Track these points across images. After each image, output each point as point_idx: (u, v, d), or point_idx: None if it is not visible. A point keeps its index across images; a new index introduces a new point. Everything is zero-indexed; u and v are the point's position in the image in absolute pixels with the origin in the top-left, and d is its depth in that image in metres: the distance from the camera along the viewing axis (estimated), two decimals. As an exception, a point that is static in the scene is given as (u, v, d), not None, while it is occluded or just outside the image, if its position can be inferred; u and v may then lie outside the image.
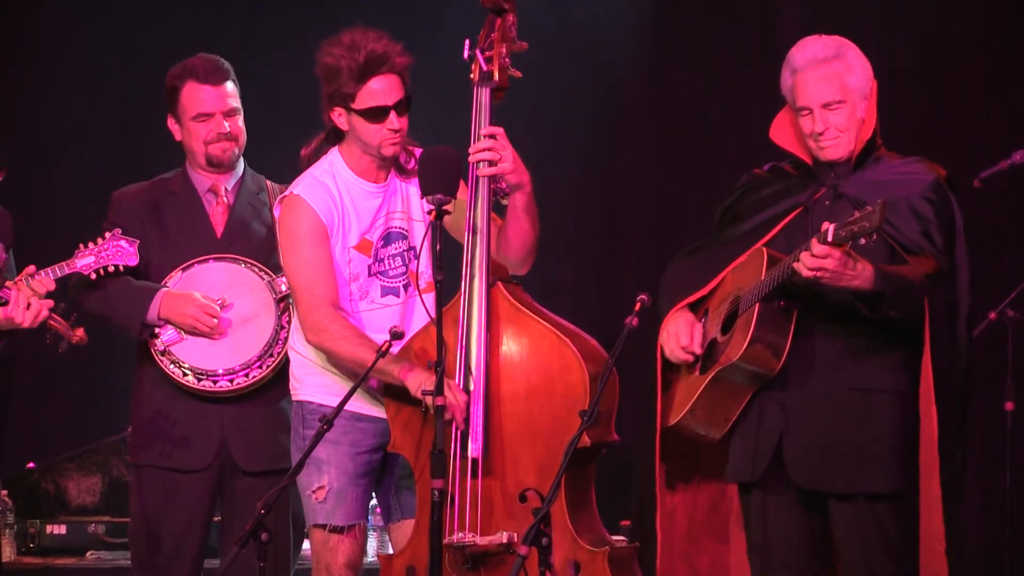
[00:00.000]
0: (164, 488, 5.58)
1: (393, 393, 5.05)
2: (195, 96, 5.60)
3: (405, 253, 5.21)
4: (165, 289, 5.54)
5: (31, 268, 5.37)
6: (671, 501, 5.10)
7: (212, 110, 5.59)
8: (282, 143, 7.78)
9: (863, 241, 4.52)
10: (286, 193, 5.19)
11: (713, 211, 5.23)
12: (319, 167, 5.20)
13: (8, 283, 5.37)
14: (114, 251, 5.44)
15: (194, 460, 5.56)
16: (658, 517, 5.05)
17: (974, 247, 4.90)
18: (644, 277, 7.71)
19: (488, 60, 5.03)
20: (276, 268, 5.52)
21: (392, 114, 5.08)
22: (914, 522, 4.77)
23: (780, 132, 5.04)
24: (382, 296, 5.20)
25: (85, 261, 5.43)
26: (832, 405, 4.83)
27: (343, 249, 5.15)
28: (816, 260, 4.60)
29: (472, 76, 5.05)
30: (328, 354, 5.10)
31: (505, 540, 4.92)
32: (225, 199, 5.67)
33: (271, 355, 5.52)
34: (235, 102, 5.64)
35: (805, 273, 4.62)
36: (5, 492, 7.14)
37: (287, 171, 5.65)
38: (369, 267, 5.18)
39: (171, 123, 5.68)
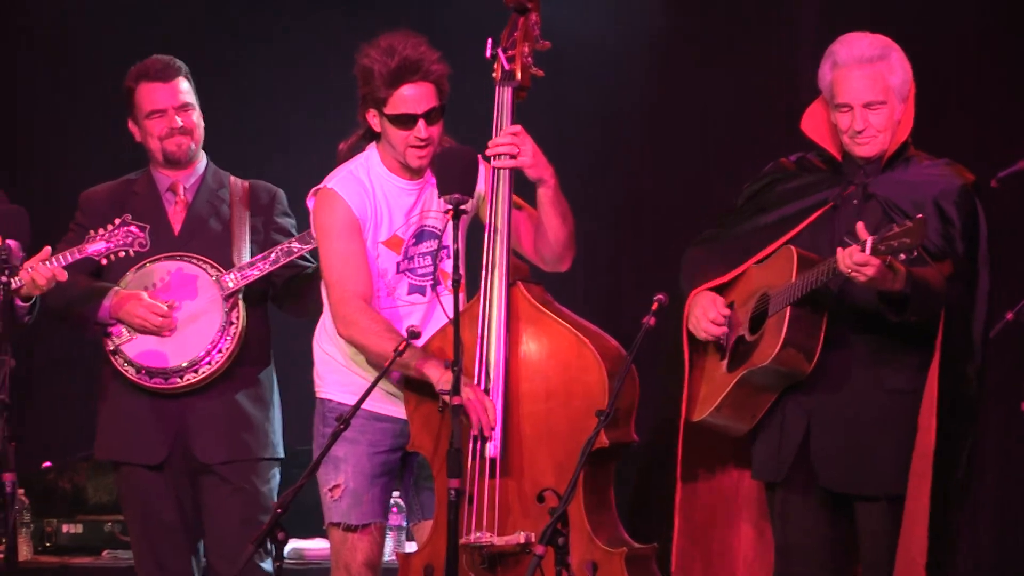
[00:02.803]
0: (133, 485, 5.68)
1: (414, 387, 5.06)
2: (148, 94, 5.68)
3: (436, 252, 5.20)
4: (116, 288, 5.62)
5: (47, 250, 5.38)
6: (690, 492, 5.09)
7: (164, 106, 5.67)
8: (276, 142, 7.82)
9: (903, 256, 4.53)
10: (320, 186, 5.20)
11: (720, 210, 5.21)
12: (355, 162, 5.21)
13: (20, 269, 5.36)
14: (124, 236, 5.43)
15: (151, 455, 5.63)
16: (677, 507, 5.05)
17: (995, 254, 4.89)
18: (647, 277, 7.69)
19: (510, 59, 5.03)
20: (230, 264, 5.61)
21: (420, 123, 5.07)
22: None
23: (811, 124, 5.03)
24: (408, 294, 5.21)
25: (96, 247, 5.42)
26: (857, 406, 4.83)
27: (373, 244, 5.16)
28: (855, 265, 4.60)
29: (494, 75, 5.06)
30: (357, 348, 5.11)
31: (522, 540, 4.92)
32: (184, 197, 5.74)
33: (219, 350, 5.58)
34: (188, 97, 5.71)
35: (843, 270, 4.62)
36: (21, 491, 7.13)
37: (284, 171, 5.69)
38: (398, 264, 5.19)
39: (131, 125, 5.77)
